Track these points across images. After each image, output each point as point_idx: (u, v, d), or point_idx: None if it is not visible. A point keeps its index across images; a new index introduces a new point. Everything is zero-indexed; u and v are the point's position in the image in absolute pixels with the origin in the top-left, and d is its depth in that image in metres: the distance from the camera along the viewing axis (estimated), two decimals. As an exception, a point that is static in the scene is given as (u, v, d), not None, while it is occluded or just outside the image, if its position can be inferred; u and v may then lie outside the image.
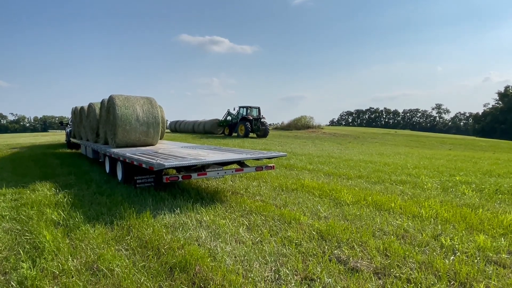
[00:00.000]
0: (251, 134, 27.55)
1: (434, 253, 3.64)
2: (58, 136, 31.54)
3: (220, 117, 32.27)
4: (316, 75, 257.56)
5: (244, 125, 26.68)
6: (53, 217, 4.89)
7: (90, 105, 11.91)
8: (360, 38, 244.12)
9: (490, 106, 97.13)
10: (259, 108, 28.42)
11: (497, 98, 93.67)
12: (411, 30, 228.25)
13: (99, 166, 10.30)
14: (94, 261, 3.46)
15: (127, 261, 3.45)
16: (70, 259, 3.50)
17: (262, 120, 27.45)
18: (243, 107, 28.42)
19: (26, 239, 4.08)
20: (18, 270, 3.29)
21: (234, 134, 28.99)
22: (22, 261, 3.46)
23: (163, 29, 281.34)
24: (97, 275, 3.20)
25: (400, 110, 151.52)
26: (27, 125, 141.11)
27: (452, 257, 3.55)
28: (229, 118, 30.65)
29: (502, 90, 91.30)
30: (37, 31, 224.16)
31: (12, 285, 3.03)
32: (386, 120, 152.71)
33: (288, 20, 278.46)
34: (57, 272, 3.24)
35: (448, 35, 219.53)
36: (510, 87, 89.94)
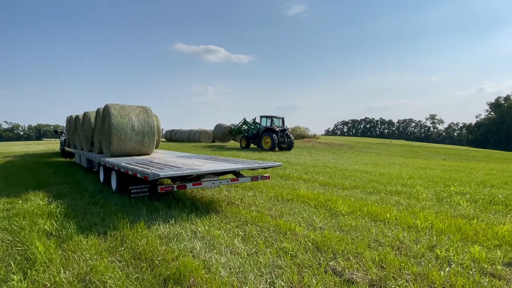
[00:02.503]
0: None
1: (430, 265, 3.63)
2: (52, 145, 31.33)
3: (218, 125, 31.74)
4: (311, 84, 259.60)
5: (270, 137, 23.38)
6: (45, 227, 4.82)
7: (85, 114, 11.86)
8: (354, 48, 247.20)
9: (482, 117, 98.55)
10: (283, 118, 25.27)
11: (488, 109, 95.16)
12: (405, 40, 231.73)
13: (93, 175, 10.22)
14: (87, 273, 3.41)
15: (120, 273, 3.40)
16: (62, 271, 3.44)
17: (287, 131, 24.64)
18: (265, 116, 25.13)
19: (18, 250, 4.01)
20: (9, 283, 3.22)
21: (252, 146, 26.15)
22: (13, 273, 3.39)
23: (158, 38, 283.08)
24: (90, 287, 3.15)
25: (395, 120, 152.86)
26: (21, 133, 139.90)
27: (447, 269, 3.54)
28: (244, 127, 27.75)
29: (493, 101, 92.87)
30: (32, 39, 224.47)
31: (1, 298, 2.97)
32: (381, 130, 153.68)
33: (283, 30, 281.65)
34: (49, 285, 3.18)
35: (442, 45, 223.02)
36: (502, 98, 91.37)
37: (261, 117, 25.39)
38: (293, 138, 25.00)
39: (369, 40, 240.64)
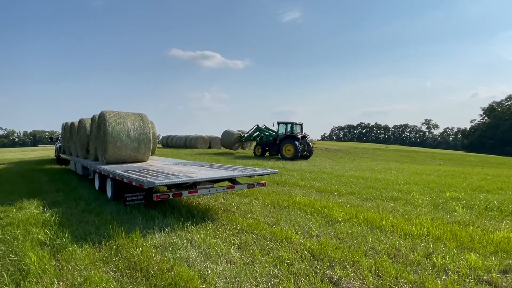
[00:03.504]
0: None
1: (426, 273, 3.63)
2: (47, 151, 31.13)
3: (214, 130, 30.94)
4: (307, 89, 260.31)
5: (293, 144, 21.33)
6: (39, 237, 4.77)
7: (80, 121, 11.81)
8: (350, 53, 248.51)
9: (476, 121, 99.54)
10: (302, 125, 23.24)
11: (483, 113, 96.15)
12: (400, 46, 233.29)
13: (89, 182, 10.14)
14: (81, 284, 3.37)
15: (114, 283, 3.36)
16: (56, 282, 3.40)
17: (306, 138, 22.87)
18: (283, 122, 23.31)
19: (10, 261, 3.96)
20: (1, 295, 3.18)
21: (266, 154, 24.18)
22: (6, 285, 3.35)
23: (153, 43, 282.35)
24: (83, 299, 3.11)
25: (391, 125, 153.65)
26: (17, 139, 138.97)
27: (444, 277, 3.54)
28: (257, 134, 25.83)
29: (487, 105, 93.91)
30: (27, 45, 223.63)
31: (-7, 311, 2.92)
32: (377, 135, 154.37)
33: (278, 36, 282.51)
34: (42, 296, 3.14)
35: (437, 51, 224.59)
36: (496, 103, 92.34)
37: (279, 123, 23.54)
38: (312, 145, 23.22)
39: (364, 46, 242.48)
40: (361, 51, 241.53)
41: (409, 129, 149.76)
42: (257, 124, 25.90)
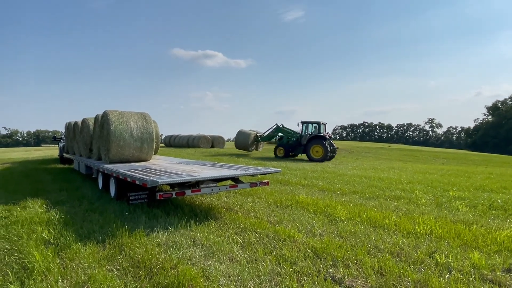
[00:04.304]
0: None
1: (429, 271, 3.62)
2: (51, 151, 31.27)
3: (220, 130, 30.48)
4: (309, 89, 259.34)
5: (322, 145, 20.47)
6: (43, 235, 4.80)
7: (84, 120, 11.87)
8: (352, 52, 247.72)
9: (480, 120, 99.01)
10: (326, 124, 22.29)
11: (486, 112, 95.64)
12: (403, 45, 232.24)
13: (92, 182, 10.19)
14: (85, 282, 3.39)
15: (118, 281, 3.38)
16: (60, 280, 3.42)
17: (331, 139, 22.08)
18: (309, 122, 22.23)
19: (15, 259, 3.99)
20: (6, 292, 3.20)
21: (289, 155, 23.03)
22: (10, 283, 3.37)
23: (155, 43, 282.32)
24: (88, 297, 3.13)
25: (394, 124, 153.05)
26: (20, 139, 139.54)
27: (447, 275, 3.53)
28: (278, 134, 24.65)
29: (491, 104, 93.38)
30: (31, 45, 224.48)
31: (-1, 308, 2.95)
32: (380, 134, 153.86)
33: (280, 35, 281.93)
34: (46, 294, 3.16)
35: (440, 50, 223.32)
36: (500, 102, 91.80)
37: (303, 123, 22.31)
38: (336, 146, 22.38)
39: (367, 45, 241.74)
40: (364, 50, 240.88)
41: (412, 128, 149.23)
42: (276, 124, 24.63)
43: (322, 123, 21.84)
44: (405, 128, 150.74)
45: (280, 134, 24.52)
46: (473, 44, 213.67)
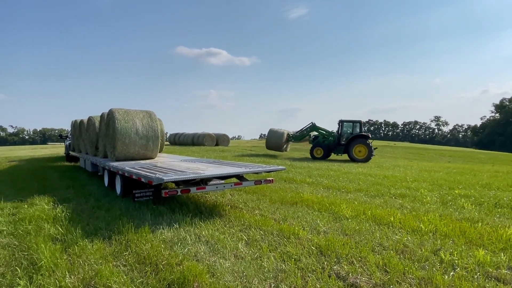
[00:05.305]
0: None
1: (434, 269, 3.62)
2: (57, 149, 31.53)
3: (221, 127, 30.00)
4: (313, 87, 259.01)
5: (365, 145, 19.39)
6: (51, 232, 4.87)
7: (89, 119, 11.96)
8: (357, 50, 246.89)
9: (486, 118, 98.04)
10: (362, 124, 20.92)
11: (493, 110, 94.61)
12: (408, 42, 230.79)
13: (98, 179, 10.28)
14: (92, 278, 3.44)
15: (125, 277, 3.43)
16: (68, 276, 3.47)
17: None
18: (348, 121, 20.69)
19: (24, 255, 4.05)
20: (14, 287, 3.26)
21: (330, 155, 21.30)
22: (19, 278, 3.43)
23: (160, 41, 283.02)
24: (95, 292, 3.17)
25: (399, 122, 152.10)
26: (26, 137, 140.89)
27: (452, 273, 3.53)
28: (312, 134, 22.91)
29: (498, 102, 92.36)
30: (35, 43, 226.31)
31: (8, 303, 3.00)
32: (385, 132, 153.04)
33: (285, 33, 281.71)
34: (54, 289, 3.21)
35: (446, 47, 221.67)
36: (507, 99, 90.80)
37: (342, 121, 20.65)
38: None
39: (372, 42, 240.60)
40: (368, 48, 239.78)
41: (418, 126, 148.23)
42: (311, 122, 22.54)
43: (360, 122, 20.56)
44: (411, 126, 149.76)
45: (314, 133, 22.72)
46: (480, 41, 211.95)
